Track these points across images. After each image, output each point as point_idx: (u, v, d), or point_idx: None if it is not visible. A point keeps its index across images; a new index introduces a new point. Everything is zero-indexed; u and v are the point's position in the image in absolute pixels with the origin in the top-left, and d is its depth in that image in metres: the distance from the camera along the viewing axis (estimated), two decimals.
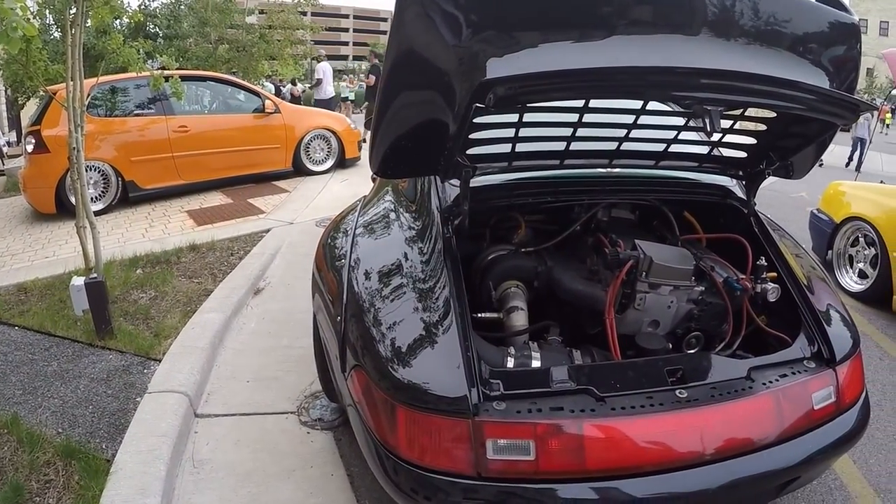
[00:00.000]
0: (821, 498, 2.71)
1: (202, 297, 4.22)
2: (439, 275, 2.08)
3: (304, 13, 13.44)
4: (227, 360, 3.52)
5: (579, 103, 2.11)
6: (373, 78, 12.15)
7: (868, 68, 45.96)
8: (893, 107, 19.91)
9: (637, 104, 2.24)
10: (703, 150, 2.67)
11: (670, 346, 2.34)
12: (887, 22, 54.51)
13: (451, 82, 1.78)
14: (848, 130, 14.26)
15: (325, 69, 12.30)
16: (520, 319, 2.34)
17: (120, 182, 6.75)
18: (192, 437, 2.84)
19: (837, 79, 2.06)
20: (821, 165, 12.48)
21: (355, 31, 76.78)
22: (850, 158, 12.79)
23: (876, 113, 12.60)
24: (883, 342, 4.35)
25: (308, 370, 3.20)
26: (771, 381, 2.01)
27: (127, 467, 2.46)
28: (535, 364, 2.05)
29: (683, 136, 2.52)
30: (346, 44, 75.56)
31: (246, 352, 3.63)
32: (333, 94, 12.86)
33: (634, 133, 2.38)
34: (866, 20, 50.98)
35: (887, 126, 23.39)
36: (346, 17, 76.92)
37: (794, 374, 2.08)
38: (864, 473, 2.90)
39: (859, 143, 12.95)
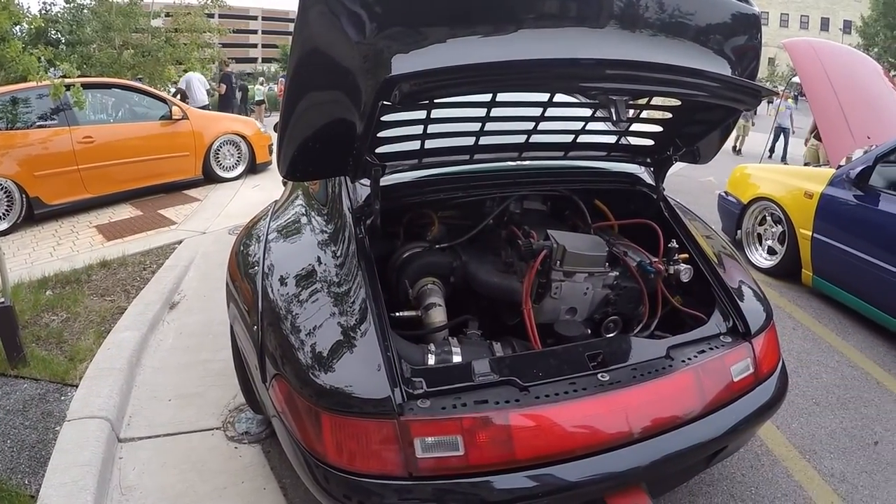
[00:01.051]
0: (749, 464, 2.84)
1: (116, 315, 4.03)
2: (354, 277, 2.05)
3: (211, 15, 13.06)
4: (146, 380, 3.37)
5: (487, 97, 2.12)
6: (223, 87, 12.58)
7: (770, 57, 48.64)
8: (795, 94, 21.10)
9: (544, 97, 2.27)
10: (612, 139, 2.74)
11: (589, 331, 2.39)
12: (787, 14, 57.88)
13: (357, 81, 1.76)
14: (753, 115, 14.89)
15: (188, 79, 12.16)
16: (438, 316, 2.33)
17: (24, 199, 6.33)
18: (117, 463, 2.70)
19: (740, 67, 2.16)
20: (738, 153, 13.00)
21: (264, 32, 74.57)
22: (772, 148, 13.35)
23: (778, 99, 13.21)
24: (795, 313, 4.59)
25: (230, 383, 3.11)
26: (690, 358, 2.08)
27: (52, 501, 2.33)
28: (457, 359, 2.05)
29: (592, 126, 2.57)
30: (254, 46, 73.62)
31: (165, 369, 3.49)
32: (206, 102, 12.76)
33: (543, 125, 2.41)
34: (767, 12, 54.05)
35: None
36: (255, 18, 74.75)
37: (711, 349, 2.15)
38: (789, 437, 3.06)
39: (782, 133, 13.57)
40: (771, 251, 5.39)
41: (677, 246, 2.49)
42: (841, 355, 3.98)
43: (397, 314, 2.32)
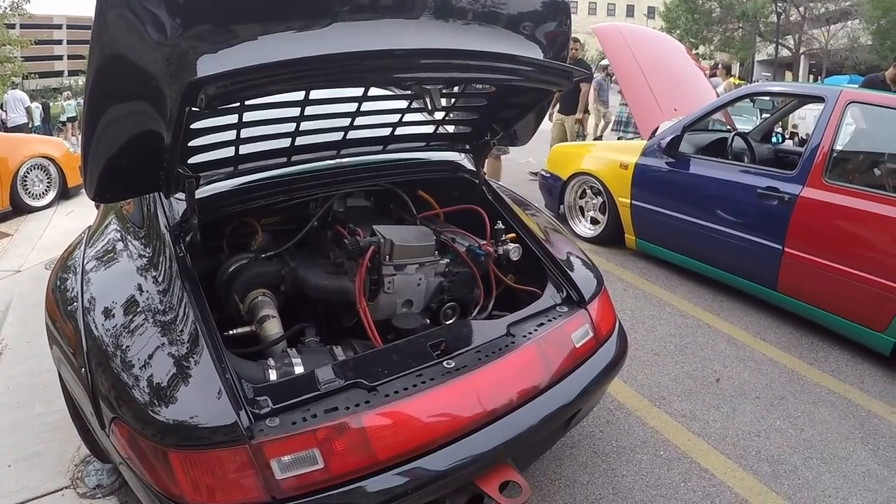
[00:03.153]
0: (605, 420, 3.02)
1: None
2: (180, 300, 1.93)
3: (12, 26, 11.85)
4: None
5: (300, 96, 2.08)
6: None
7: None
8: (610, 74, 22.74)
9: (359, 91, 2.26)
10: (429, 128, 2.79)
11: (428, 321, 2.41)
12: (595, 3, 62.63)
13: (161, 87, 1.64)
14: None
15: (7, 98, 11.42)
16: (273, 328, 2.23)
17: None
18: None
19: (551, 51, 2.27)
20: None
21: (70, 42, 67.50)
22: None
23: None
24: (624, 275, 4.96)
25: (71, 435, 2.82)
26: (530, 332, 2.16)
27: None
28: (298, 370, 1.97)
29: (409, 117, 2.59)
30: (60, 58, 67.14)
31: None
32: (25, 120, 11.79)
33: (359, 120, 2.40)
34: (576, 1, 58.12)
35: None
36: (59, 27, 67.93)
37: (550, 321, 2.26)
38: (637, 389, 3.30)
39: None
40: (594, 221, 5.75)
41: (503, 227, 2.59)
42: (672, 307, 4.36)
43: (231, 332, 2.20)
